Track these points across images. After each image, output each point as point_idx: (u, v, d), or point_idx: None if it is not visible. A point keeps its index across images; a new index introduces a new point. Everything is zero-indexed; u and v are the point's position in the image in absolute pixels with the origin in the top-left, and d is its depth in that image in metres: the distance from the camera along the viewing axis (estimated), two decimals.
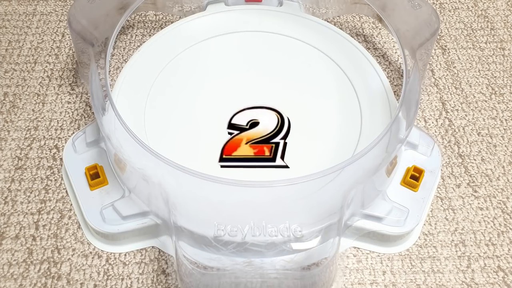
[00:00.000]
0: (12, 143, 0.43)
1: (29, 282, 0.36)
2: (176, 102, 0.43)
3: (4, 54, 0.50)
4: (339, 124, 0.42)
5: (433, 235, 0.39)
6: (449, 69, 0.49)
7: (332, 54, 0.46)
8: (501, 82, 0.48)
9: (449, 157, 0.43)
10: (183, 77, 0.44)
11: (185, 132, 0.41)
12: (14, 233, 0.38)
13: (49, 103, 0.46)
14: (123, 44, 0.50)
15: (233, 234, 0.33)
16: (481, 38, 0.52)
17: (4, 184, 0.41)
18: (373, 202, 0.37)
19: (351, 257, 0.38)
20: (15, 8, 0.54)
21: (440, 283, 0.36)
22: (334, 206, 0.34)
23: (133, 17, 0.53)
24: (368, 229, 0.37)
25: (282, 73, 0.45)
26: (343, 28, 0.52)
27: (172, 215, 0.34)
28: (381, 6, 0.45)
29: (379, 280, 0.37)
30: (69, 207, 0.40)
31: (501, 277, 0.37)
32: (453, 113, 0.46)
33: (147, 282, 0.36)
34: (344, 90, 0.44)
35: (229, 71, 0.45)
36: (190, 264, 0.33)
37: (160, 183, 0.34)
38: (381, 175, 0.37)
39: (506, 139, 0.44)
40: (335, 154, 0.40)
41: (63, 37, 0.51)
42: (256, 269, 0.33)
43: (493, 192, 0.41)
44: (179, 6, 0.51)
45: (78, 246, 0.38)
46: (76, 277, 0.36)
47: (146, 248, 0.38)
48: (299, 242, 0.34)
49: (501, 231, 0.39)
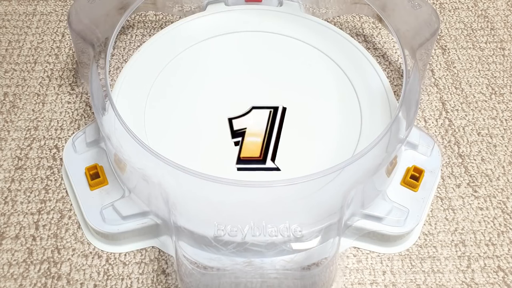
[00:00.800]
0: (12, 143, 0.43)
1: (29, 282, 0.36)
2: (176, 102, 0.43)
3: (4, 54, 0.50)
4: (339, 124, 0.42)
5: (433, 235, 0.39)
6: (449, 69, 0.49)
7: (332, 54, 0.46)
8: (501, 82, 0.48)
9: (449, 157, 0.43)
10: (183, 77, 0.44)
11: (185, 132, 0.41)
12: (14, 233, 0.38)
13: (49, 103, 0.46)
14: (123, 44, 0.50)
15: (233, 234, 0.33)
16: (481, 38, 0.52)
17: (4, 184, 0.41)
18: (373, 202, 0.37)
19: (351, 257, 0.38)
20: (15, 8, 0.54)
21: (440, 283, 0.36)
22: (334, 206, 0.34)
23: (133, 17, 0.53)
24: (368, 229, 0.37)
25: (282, 73, 0.45)
26: (343, 28, 0.52)
27: (172, 215, 0.34)
28: (381, 6, 0.45)
29: (379, 280, 0.37)
30: (69, 207, 0.40)
31: (501, 277, 0.37)
32: (453, 113, 0.46)
33: (147, 282, 0.36)
34: (344, 90, 0.44)
35: (229, 71, 0.45)
36: (190, 264, 0.33)
37: (160, 183, 0.34)
38: (381, 175, 0.37)
39: (506, 139, 0.44)
40: (335, 154, 0.40)
41: (63, 37, 0.51)
42: (256, 269, 0.33)
43: (493, 192, 0.41)
44: (179, 6, 0.51)
45: (78, 246, 0.38)
46: (76, 277, 0.36)
47: (146, 248, 0.38)
48: (299, 242, 0.34)
49: (501, 231, 0.39)
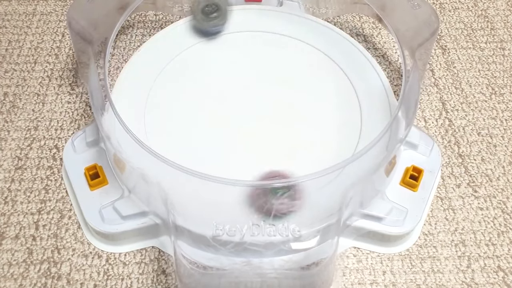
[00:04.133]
0: (12, 143, 0.43)
1: (29, 282, 0.36)
2: (176, 102, 0.43)
3: (4, 54, 0.50)
4: (339, 124, 0.42)
5: (433, 235, 0.39)
6: (449, 69, 0.49)
7: (332, 54, 0.46)
8: (501, 82, 0.48)
9: (449, 157, 0.43)
10: (183, 77, 0.44)
11: (184, 132, 0.41)
12: (14, 233, 0.38)
13: (49, 103, 0.46)
14: (123, 44, 0.50)
15: (232, 233, 0.33)
16: (481, 38, 0.52)
17: (4, 184, 0.41)
18: (372, 202, 0.37)
19: (351, 257, 0.38)
20: (15, 8, 0.54)
21: (440, 283, 0.36)
22: (333, 206, 0.34)
23: (133, 17, 0.53)
24: (367, 229, 0.37)
25: (282, 73, 0.45)
26: (343, 28, 0.52)
27: (170, 215, 0.34)
28: (380, 6, 0.45)
29: (379, 280, 0.37)
30: (69, 207, 0.40)
31: (501, 277, 0.37)
32: (453, 113, 0.46)
33: (147, 282, 0.36)
34: (344, 90, 0.44)
35: (228, 71, 0.45)
36: (189, 264, 0.33)
37: (159, 183, 0.34)
38: (380, 175, 0.37)
39: (506, 139, 0.44)
40: (335, 154, 0.40)
41: (63, 37, 0.51)
42: (255, 269, 0.33)
43: (493, 192, 0.41)
44: (179, 6, 0.51)
45: (78, 246, 0.38)
46: (76, 277, 0.36)
47: (146, 248, 0.38)
48: (298, 242, 0.34)
49: (501, 231, 0.39)
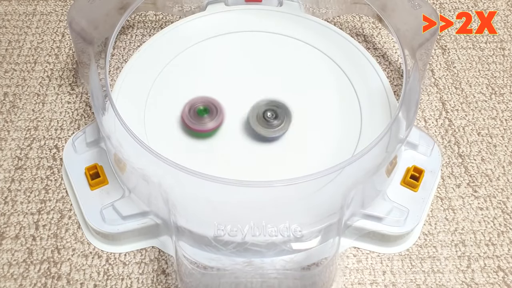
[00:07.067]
0: (12, 143, 0.43)
1: (29, 282, 0.36)
2: (176, 102, 0.43)
3: (4, 54, 0.50)
4: (339, 124, 0.42)
5: (433, 235, 0.39)
6: (449, 69, 0.49)
7: (332, 54, 0.46)
8: (501, 82, 0.48)
9: (449, 157, 0.43)
10: (183, 77, 0.44)
11: (185, 132, 0.41)
12: (14, 233, 0.38)
13: (49, 103, 0.46)
14: (123, 44, 0.50)
15: (233, 234, 0.33)
16: (481, 38, 0.52)
17: (4, 184, 0.41)
18: (373, 202, 0.37)
19: (351, 257, 0.38)
20: (15, 8, 0.54)
21: (440, 283, 0.36)
22: (334, 206, 0.34)
23: (133, 17, 0.53)
24: (368, 229, 0.37)
25: (282, 73, 0.45)
26: (343, 28, 0.52)
27: (172, 215, 0.34)
28: (381, 6, 0.45)
29: (379, 280, 0.37)
30: (69, 207, 0.40)
31: (501, 277, 0.37)
32: (453, 113, 0.46)
33: (147, 282, 0.36)
34: (344, 90, 0.44)
35: (229, 71, 0.45)
36: (190, 264, 0.33)
37: (160, 183, 0.34)
38: (381, 175, 0.37)
39: (506, 139, 0.44)
40: (335, 154, 0.40)
41: (63, 37, 0.51)
42: (256, 269, 0.33)
43: (493, 192, 0.41)
44: (179, 6, 0.51)
45: (78, 246, 0.38)
46: (76, 277, 0.36)
47: (146, 248, 0.38)
48: (299, 242, 0.33)
49: (501, 231, 0.39)
